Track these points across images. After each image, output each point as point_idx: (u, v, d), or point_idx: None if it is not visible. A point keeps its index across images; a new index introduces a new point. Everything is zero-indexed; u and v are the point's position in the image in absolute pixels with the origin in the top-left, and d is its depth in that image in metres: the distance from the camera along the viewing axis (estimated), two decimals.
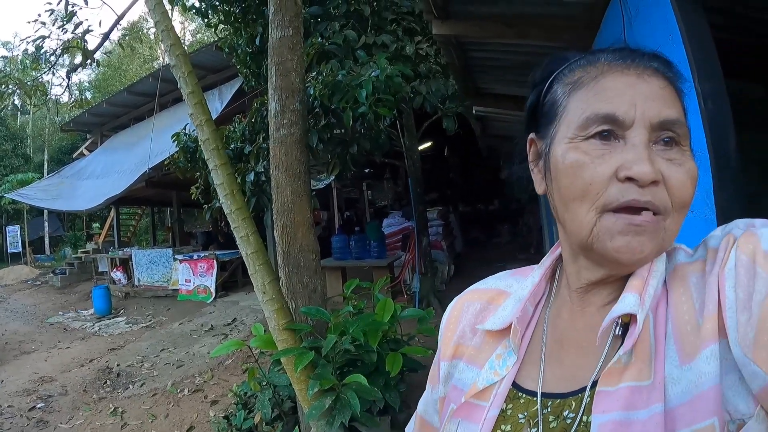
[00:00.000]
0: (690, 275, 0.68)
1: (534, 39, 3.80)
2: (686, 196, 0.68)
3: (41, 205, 17.58)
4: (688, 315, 0.64)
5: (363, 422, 3.76)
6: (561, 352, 0.76)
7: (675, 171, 0.67)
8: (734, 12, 2.84)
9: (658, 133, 0.68)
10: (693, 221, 2.24)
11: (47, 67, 9.92)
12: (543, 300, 0.85)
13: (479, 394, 0.79)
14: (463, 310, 0.93)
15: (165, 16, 3.87)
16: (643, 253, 0.67)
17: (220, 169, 3.81)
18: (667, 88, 0.71)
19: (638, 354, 0.65)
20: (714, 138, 1.96)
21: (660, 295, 0.69)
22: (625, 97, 0.69)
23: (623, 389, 0.63)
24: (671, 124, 0.69)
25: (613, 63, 0.73)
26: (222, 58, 10.92)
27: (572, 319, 0.77)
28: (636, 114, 0.68)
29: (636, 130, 0.68)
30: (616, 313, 0.66)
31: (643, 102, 0.69)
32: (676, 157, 0.68)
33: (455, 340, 0.91)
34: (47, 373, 7.83)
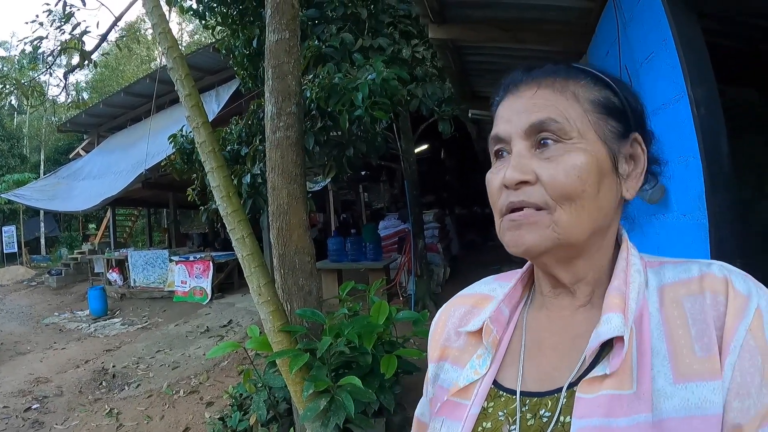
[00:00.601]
0: (684, 299, 0.71)
1: (530, 43, 3.82)
2: (562, 188, 0.73)
3: (37, 205, 17.54)
4: (684, 339, 0.68)
5: (358, 424, 3.76)
6: (539, 353, 0.80)
7: (546, 168, 0.73)
8: (728, 18, 2.86)
9: (534, 137, 0.76)
10: (686, 225, 2.26)
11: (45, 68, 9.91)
12: (523, 303, 0.89)
13: (461, 393, 0.82)
14: (449, 315, 0.98)
15: (162, 19, 3.88)
16: (524, 244, 0.74)
17: (217, 171, 3.81)
18: (539, 93, 0.78)
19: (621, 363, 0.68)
20: (707, 143, 1.97)
21: (642, 306, 0.73)
22: (504, 117, 0.80)
23: (603, 397, 0.67)
24: (540, 125, 0.75)
25: (507, 89, 0.83)
26: (219, 59, 10.94)
27: (548, 322, 0.81)
28: (511, 128, 0.78)
29: (514, 143, 0.77)
30: (605, 337, 0.70)
31: (515, 116, 0.78)
32: (553, 154, 0.74)
33: (442, 342, 0.95)
34: (43, 374, 7.82)
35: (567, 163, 0.73)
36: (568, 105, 0.76)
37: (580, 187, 0.73)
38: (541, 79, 0.79)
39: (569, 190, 0.72)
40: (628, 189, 0.79)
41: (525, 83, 0.80)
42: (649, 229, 2.83)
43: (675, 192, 2.38)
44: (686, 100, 2.02)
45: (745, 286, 0.67)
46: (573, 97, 0.77)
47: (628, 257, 0.78)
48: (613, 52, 2.87)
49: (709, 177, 1.96)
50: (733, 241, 1.94)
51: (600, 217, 0.76)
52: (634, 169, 0.80)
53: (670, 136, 2.29)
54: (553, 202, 0.73)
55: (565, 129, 0.74)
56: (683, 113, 2.06)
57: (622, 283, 0.75)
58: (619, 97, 0.80)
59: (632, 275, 0.75)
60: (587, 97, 0.78)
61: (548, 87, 0.78)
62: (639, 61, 2.61)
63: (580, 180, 0.73)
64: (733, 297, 0.67)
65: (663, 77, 2.26)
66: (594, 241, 0.78)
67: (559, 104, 0.76)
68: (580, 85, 0.79)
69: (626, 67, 2.74)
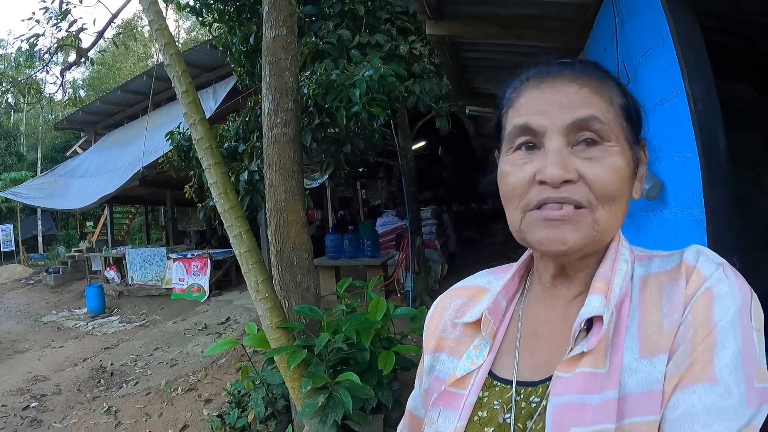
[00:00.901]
0: (665, 284, 0.75)
1: (528, 40, 3.82)
2: (607, 189, 0.74)
3: (35, 203, 17.51)
4: (655, 316, 0.72)
5: (356, 420, 3.77)
6: (535, 343, 0.82)
7: (592, 168, 0.74)
8: (727, 15, 2.86)
9: (575, 134, 0.75)
10: (683, 221, 2.26)
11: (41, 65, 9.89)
12: (519, 295, 0.90)
13: (458, 383, 0.84)
14: (445, 307, 0.99)
15: (159, 15, 3.87)
16: (566, 244, 0.74)
17: (214, 168, 3.81)
18: (582, 91, 0.77)
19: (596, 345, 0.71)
20: (704, 139, 1.98)
21: (625, 293, 0.76)
22: (537, 108, 0.77)
23: (578, 375, 0.70)
24: (585, 122, 0.75)
25: (530, 79, 0.82)
26: (216, 56, 10.90)
27: (545, 312, 0.84)
28: (548, 122, 0.76)
29: (550, 137, 0.75)
30: (585, 316, 0.72)
31: (555, 109, 0.76)
32: (595, 155, 0.74)
33: (437, 334, 0.97)
34: (41, 372, 7.82)
35: (612, 166, 0.75)
36: (606, 108, 0.77)
37: (622, 189, 0.76)
38: (581, 76, 0.79)
39: (613, 192, 0.74)
40: (636, 190, 0.81)
41: (564, 78, 0.79)
42: (646, 224, 2.84)
43: (672, 188, 2.38)
44: (684, 97, 2.02)
45: (707, 270, 0.71)
46: (609, 100, 0.78)
47: (618, 248, 0.80)
48: (611, 49, 2.87)
49: (706, 173, 1.96)
50: (731, 236, 1.94)
51: (623, 217, 0.79)
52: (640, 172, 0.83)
53: (667, 133, 2.29)
54: (596, 202, 0.74)
55: (606, 130, 0.75)
56: (681, 109, 2.06)
57: (609, 270, 0.77)
58: (630, 104, 0.82)
59: (619, 264, 0.78)
60: (617, 101, 0.79)
61: (588, 86, 0.78)
62: (637, 58, 2.61)
63: (622, 182, 0.76)
64: (694, 280, 0.71)
65: (661, 73, 2.27)
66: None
67: (600, 105, 0.76)
68: (608, 87, 0.80)
69: (624, 63, 2.75)
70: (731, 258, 1.93)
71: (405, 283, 9.61)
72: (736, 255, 1.93)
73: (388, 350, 3.95)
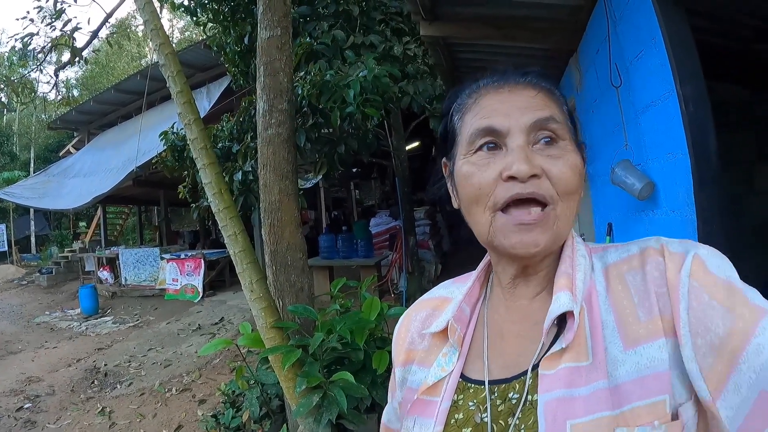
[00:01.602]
0: (626, 273, 0.77)
1: (521, 41, 3.84)
2: (569, 184, 0.77)
3: (27, 203, 17.46)
4: (629, 309, 0.73)
5: (350, 419, 3.77)
6: (502, 344, 0.84)
7: (554, 164, 0.77)
8: (718, 15, 2.88)
9: (535, 134, 0.78)
10: (675, 221, 2.28)
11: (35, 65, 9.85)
12: (481, 300, 0.93)
13: (430, 390, 0.86)
14: (411, 320, 1.01)
15: (154, 15, 3.87)
16: (539, 245, 0.77)
17: (209, 168, 3.81)
18: (539, 96, 0.81)
19: (574, 340, 0.73)
20: (695, 139, 1.99)
21: (590, 286, 0.78)
22: (499, 110, 0.80)
23: (562, 370, 0.72)
24: (545, 122, 0.78)
25: (489, 85, 0.84)
26: (210, 56, 10.89)
27: (507, 314, 0.85)
28: (510, 122, 0.78)
29: (513, 137, 0.78)
30: (556, 313, 0.74)
31: (516, 111, 0.79)
32: (555, 152, 0.78)
33: (406, 347, 0.98)
34: (34, 373, 7.80)
35: (571, 162, 0.78)
36: (558, 110, 0.81)
37: (579, 185, 0.79)
38: (537, 82, 0.83)
39: (572, 187, 0.78)
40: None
41: (521, 84, 0.83)
42: (638, 225, 2.86)
43: (664, 188, 2.40)
44: (675, 98, 2.04)
45: (680, 247, 0.73)
46: (560, 103, 0.83)
47: (573, 244, 0.83)
48: (604, 50, 2.90)
49: (697, 173, 1.98)
50: (722, 236, 1.96)
51: (575, 214, 0.81)
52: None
53: (659, 133, 2.32)
54: (557, 197, 0.76)
55: (562, 130, 0.79)
56: (672, 110, 2.08)
57: (569, 266, 0.80)
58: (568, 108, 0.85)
59: (577, 259, 0.80)
60: (564, 107, 0.83)
61: (544, 90, 0.82)
62: (629, 59, 2.63)
63: (580, 178, 0.79)
64: (670, 256, 0.72)
65: (652, 75, 2.29)
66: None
67: (555, 107, 0.81)
68: (558, 95, 0.84)
69: (616, 64, 2.77)
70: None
71: (399, 283, 9.63)
72: (728, 254, 1.95)
73: (382, 350, 3.96)
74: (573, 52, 3.80)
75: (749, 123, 4.08)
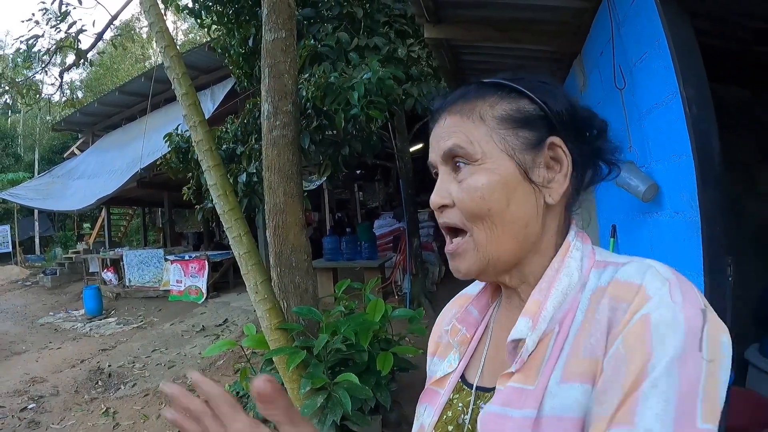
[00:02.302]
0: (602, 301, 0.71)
1: (525, 43, 3.84)
2: (468, 209, 0.77)
3: (32, 204, 17.47)
4: (584, 339, 0.69)
5: (354, 421, 3.78)
6: (496, 351, 0.87)
7: (458, 190, 0.78)
8: (721, 18, 2.88)
9: (451, 162, 0.81)
10: (678, 223, 2.29)
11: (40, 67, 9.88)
12: (494, 305, 0.94)
13: (438, 383, 0.91)
14: (445, 314, 1.05)
15: (160, 18, 3.89)
16: (460, 272, 0.81)
17: (214, 170, 3.83)
18: (447, 122, 0.82)
19: (530, 361, 0.73)
20: (698, 142, 2.00)
21: (569, 308, 0.75)
22: (431, 144, 0.84)
23: (508, 388, 0.73)
24: (450, 152, 0.80)
25: (432, 117, 0.88)
26: (214, 58, 10.90)
27: (507, 322, 0.85)
28: (434, 155, 0.83)
29: (439, 168, 0.83)
30: (511, 338, 0.75)
31: (435, 143, 0.83)
32: (463, 177, 0.79)
33: (436, 338, 1.04)
34: (38, 373, 7.81)
35: (470, 185, 0.77)
36: (474, 127, 0.79)
37: (485, 206, 0.76)
38: (451, 106, 0.83)
39: (475, 211, 0.77)
40: (551, 194, 0.79)
41: (440, 111, 0.85)
42: (642, 226, 2.87)
43: (667, 190, 2.41)
44: (679, 100, 2.05)
45: (652, 290, 0.66)
46: (479, 119, 0.79)
47: (564, 259, 0.78)
48: (607, 52, 2.90)
49: (700, 175, 1.99)
50: (724, 238, 1.97)
51: (518, 229, 0.78)
52: (558, 172, 0.80)
53: (663, 135, 2.32)
54: (468, 223, 0.78)
55: (469, 152, 0.78)
56: (676, 112, 2.09)
57: (546, 287, 0.77)
58: (536, 104, 0.80)
59: (560, 279, 0.76)
60: (493, 114, 0.79)
61: (456, 113, 0.81)
62: (633, 61, 2.64)
63: (483, 200, 0.76)
64: (632, 300, 0.66)
65: (656, 77, 2.29)
66: (526, 249, 0.80)
67: (465, 128, 0.79)
68: (487, 104, 0.80)
69: (620, 66, 2.77)
70: (725, 259, 1.96)
71: (402, 284, 9.62)
72: (731, 256, 1.96)
73: (386, 351, 3.97)
74: (577, 54, 3.81)
75: (750, 125, 4.07)
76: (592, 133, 0.83)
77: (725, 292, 1.95)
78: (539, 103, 0.79)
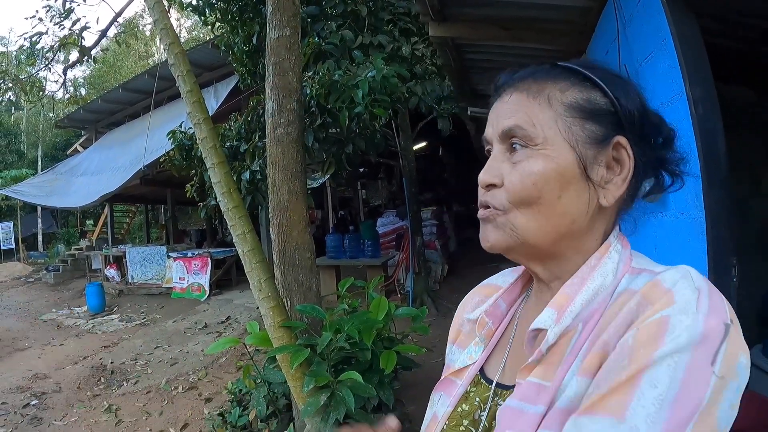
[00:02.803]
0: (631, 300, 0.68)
1: (530, 42, 3.84)
2: (517, 193, 0.76)
3: (35, 201, 17.53)
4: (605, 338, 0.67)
5: (357, 419, 3.78)
6: (521, 346, 0.82)
7: (510, 172, 0.77)
8: (727, 18, 2.88)
9: (508, 141, 0.79)
10: (684, 223, 2.28)
11: (43, 64, 9.89)
12: (522, 298, 0.93)
13: (456, 373, 0.91)
14: (467, 302, 1.04)
15: (164, 15, 3.89)
16: (489, 241, 0.79)
17: (218, 167, 3.83)
18: (512, 99, 0.80)
19: (551, 356, 0.73)
20: (704, 142, 2.00)
21: (596, 309, 0.73)
22: (490, 119, 0.83)
23: (527, 383, 0.73)
24: (510, 131, 0.78)
25: (495, 91, 0.86)
26: (218, 55, 10.91)
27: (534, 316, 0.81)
28: (491, 132, 0.82)
29: (493, 146, 0.82)
30: (533, 327, 0.74)
31: (494, 120, 0.81)
32: (518, 159, 0.77)
33: (457, 327, 1.03)
34: (41, 370, 7.83)
35: (525, 170, 0.75)
36: (539, 110, 0.76)
37: (536, 194, 0.74)
38: (518, 83, 0.81)
39: (524, 196, 0.75)
40: (606, 196, 0.77)
41: (505, 87, 0.83)
42: (646, 227, 2.86)
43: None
44: (685, 100, 2.04)
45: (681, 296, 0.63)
46: (546, 102, 0.77)
47: (602, 258, 0.77)
48: (613, 51, 2.90)
49: (706, 175, 1.98)
50: (730, 239, 1.96)
51: (564, 223, 0.76)
52: (617, 174, 0.77)
53: None
54: (509, 205, 0.76)
55: (530, 135, 0.75)
56: (682, 112, 2.08)
57: (577, 283, 0.75)
58: (609, 98, 0.77)
59: (594, 277, 0.75)
60: (562, 100, 0.77)
61: (523, 91, 0.79)
62: (638, 61, 2.63)
63: (535, 186, 0.74)
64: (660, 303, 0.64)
65: (662, 76, 2.29)
66: (567, 245, 0.78)
67: (530, 109, 0.77)
68: (557, 87, 0.78)
69: (626, 66, 2.77)
70: (730, 259, 1.95)
71: (405, 283, 9.63)
72: (735, 257, 1.96)
73: (389, 350, 3.97)
74: (582, 53, 3.80)
75: (755, 125, 4.07)
76: (657, 140, 0.81)
77: (730, 293, 1.94)
78: (612, 98, 0.77)
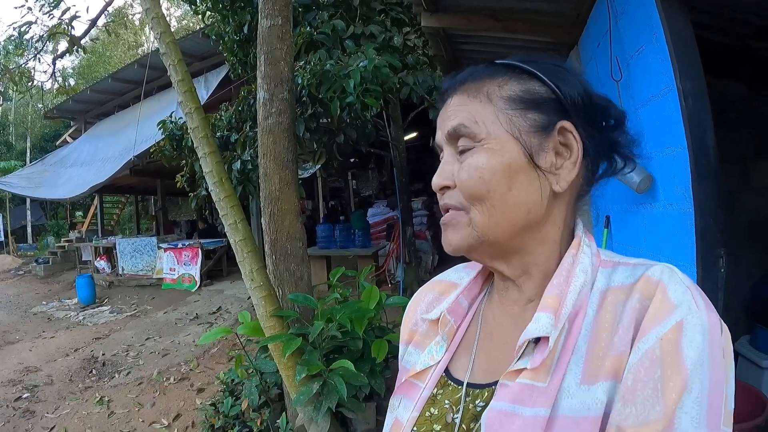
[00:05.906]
0: (618, 303, 0.70)
1: (522, 33, 3.85)
2: (468, 189, 0.76)
3: (24, 193, 17.41)
4: (605, 342, 0.68)
5: (350, 407, 3.81)
6: (490, 346, 0.84)
7: (459, 172, 0.78)
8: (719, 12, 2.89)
9: (455, 143, 0.80)
10: (673, 215, 2.31)
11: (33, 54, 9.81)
12: (482, 295, 0.93)
13: (417, 375, 0.88)
14: (420, 300, 1.03)
15: (155, 3, 3.86)
16: (451, 244, 0.80)
17: (210, 156, 3.82)
18: (453, 101, 0.82)
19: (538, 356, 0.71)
20: (694, 135, 2.02)
21: (580, 306, 0.73)
22: (437, 126, 0.84)
23: (517, 385, 0.70)
24: (454, 131, 0.79)
25: (441, 97, 0.87)
26: (208, 45, 10.87)
27: (501, 316, 0.84)
28: (440, 135, 0.83)
29: (443, 149, 0.83)
30: (531, 335, 0.71)
31: (441, 123, 0.82)
32: (465, 158, 0.78)
33: (411, 327, 1.00)
34: (32, 363, 7.80)
35: (471, 165, 0.76)
36: (480, 107, 0.78)
37: (484, 187, 0.75)
38: (459, 85, 0.82)
39: (473, 191, 0.76)
40: (558, 182, 0.77)
41: (449, 91, 0.84)
42: (636, 217, 2.89)
43: (662, 182, 2.43)
44: (675, 93, 2.07)
45: (678, 296, 0.65)
46: (486, 98, 0.78)
47: (577, 254, 0.77)
48: (604, 44, 2.91)
49: (695, 168, 2.01)
50: (718, 230, 1.99)
51: (519, 215, 0.76)
52: (567, 159, 0.77)
53: (658, 128, 2.34)
54: (467, 203, 0.77)
55: (473, 132, 0.76)
56: (672, 105, 2.11)
57: (563, 281, 0.74)
58: (547, 86, 0.77)
59: (576, 274, 0.74)
60: (501, 94, 0.78)
61: (464, 92, 0.80)
62: (630, 53, 2.65)
63: (483, 180, 0.75)
64: (660, 302, 0.65)
65: (653, 69, 2.31)
66: (528, 237, 0.78)
67: (471, 108, 0.78)
68: (495, 83, 0.79)
69: (617, 58, 2.79)
70: (718, 251, 1.98)
71: (396, 273, 9.66)
72: (723, 248, 1.99)
73: (380, 338, 3.99)
74: (574, 45, 3.82)
75: (746, 119, 4.11)
76: (608, 122, 0.81)
77: (717, 283, 1.97)
78: (550, 85, 0.77)
